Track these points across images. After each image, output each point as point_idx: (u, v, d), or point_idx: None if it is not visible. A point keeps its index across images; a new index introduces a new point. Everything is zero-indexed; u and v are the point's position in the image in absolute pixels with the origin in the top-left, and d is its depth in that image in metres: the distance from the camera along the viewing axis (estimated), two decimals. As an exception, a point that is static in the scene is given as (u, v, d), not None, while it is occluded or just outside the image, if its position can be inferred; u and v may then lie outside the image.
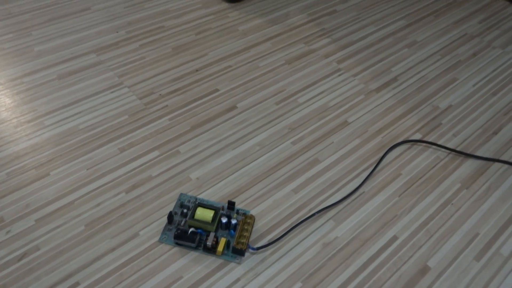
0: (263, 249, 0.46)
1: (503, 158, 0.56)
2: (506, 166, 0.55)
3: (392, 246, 0.47)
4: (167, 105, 0.61)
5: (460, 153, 0.56)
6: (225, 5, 0.81)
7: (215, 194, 0.50)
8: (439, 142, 0.58)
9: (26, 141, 0.54)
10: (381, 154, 0.56)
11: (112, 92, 0.62)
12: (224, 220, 0.46)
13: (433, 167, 0.55)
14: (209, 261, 0.44)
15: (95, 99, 0.61)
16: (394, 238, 0.47)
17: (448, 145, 0.58)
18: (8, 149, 0.53)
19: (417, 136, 0.59)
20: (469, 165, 0.55)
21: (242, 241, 0.45)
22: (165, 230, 0.46)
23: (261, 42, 0.73)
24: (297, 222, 0.48)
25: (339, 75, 0.68)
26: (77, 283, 0.42)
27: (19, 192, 0.49)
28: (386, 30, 0.78)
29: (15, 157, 0.53)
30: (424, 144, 0.58)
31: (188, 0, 0.82)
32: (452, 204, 0.51)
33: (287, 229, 0.47)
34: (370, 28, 0.78)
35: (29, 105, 0.59)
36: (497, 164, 0.55)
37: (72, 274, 0.42)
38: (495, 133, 0.59)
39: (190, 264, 0.44)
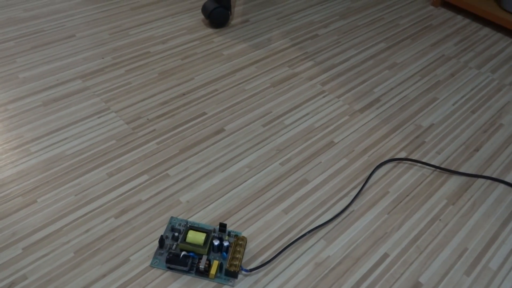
0: (256, 270, 0.45)
1: (486, 173, 0.58)
2: (489, 181, 0.57)
3: (384, 263, 0.47)
4: (155, 129, 0.61)
5: (445, 170, 0.58)
6: (210, 30, 0.83)
7: (206, 216, 0.50)
8: (424, 160, 0.59)
9: (12, 168, 0.54)
10: (368, 173, 0.57)
11: (99, 117, 0.62)
12: (216, 242, 0.46)
13: (420, 184, 0.56)
14: (202, 285, 0.44)
15: (82, 125, 0.60)
16: (385, 255, 0.48)
17: (432, 163, 0.59)
18: (-7, 177, 0.52)
19: (402, 155, 0.60)
20: (454, 182, 0.57)
21: (235, 263, 0.44)
22: (157, 254, 0.46)
23: (246, 66, 0.74)
24: (289, 243, 0.48)
25: (324, 96, 0.69)
26: (67, 312, 0.41)
27: (5, 220, 0.48)
28: (366, 53, 0.80)
29: (0, 185, 0.51)
30: (410, 162, 0.59)
31: (173, 26, 0.83)
32: (440, 220, 0.52)
33: (279, 250, 0.47)
34: (351, 51, 0.80)
35: (14, 132, 0.58)
36: (480, 180, 0.57)
37: (61, 303, 0.41)
38: (477, 149, 0.61)
39: (182, 289, 0.43)
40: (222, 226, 0.48)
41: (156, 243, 0.47)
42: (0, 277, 0.43)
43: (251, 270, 0.45)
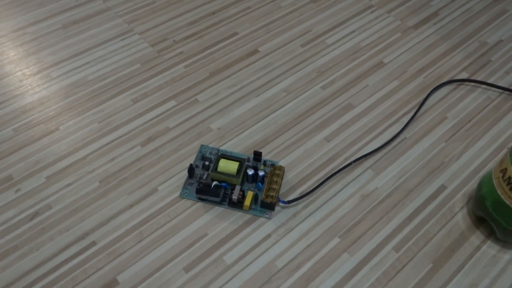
0: (295, 202, 0.41)
1: None
2: None
3: (440, 196, 0.41)
4: (182, 52, 0.55)
5: (515, 91, 0.49)
6: None
7: (239, 144, 0.46)
8: (489, 81, 0.51)
9: (32, 95, 0.50)
10: (423, 96, 0.50)
11: (122, 40, 0.57)
12: (250, 172, 0.41)
13: (484, 108, 0.49)
14: (236, 217, 0.40)
15: (104, 48, 0.56)
16: (442, 187, 0.42)
17: (500, 84, 0.51)
18: (14, 104, 0.49)
19: (464, 75, 0.52)
20: (525, 105, 0.49)
21: (271, 194, 0.40)
22: (186, 184, 0.42)
23: (282, -20, 0.66)
24: (332, 173, 0.43)
25: (372, 12, 0.60)
26: (94, 243, 0.38)
27: (27, 148, 0.45)
28: (422, -39, 0.69)
29: (22, 112, 0.48)
30: (472, 83, 0.51)
31: None
32: (508, 148, 0.45)
33: (321, 181, 0.43)
34: (404, -40, 0.69)
35: (33, 57, 0.55)
36: (558, 103, 0.49)
37: (88, 233, 0.39)
38: (554, 68, 0.52)
39: (215, 220, 0.40)
40: (257, 155, 0.43)
41: (185, 172, 0.43)
42: (24, 207, 0.41)
43: (289, 201, 0.40)
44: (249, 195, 0.40)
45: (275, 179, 0.41)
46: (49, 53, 0.55)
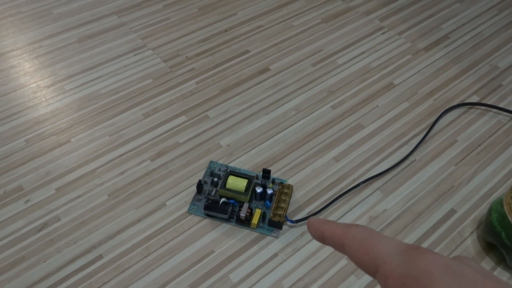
0: (303, 222, 0.41)
1: None
2: None
3: (450, 220, 0.41)
4: (194, 68, 0.56)
5: (526, 116, 0.49)
6: (255, -38, 0.74)
7: (248, 162, 0.46)
8: (500, 105, 0.51)
9: (46, 107, 0.51)
10: (433, 119, 0.50)
11: (135, 55, 0.58)
12: (259, 189, 0.41)
13: (495, 132, 0.48)
14: (243, 235, 0.40)
15: (118, 62, 0.56)
16: (452, 211, 0.42)
17: (511, 109, 0.51)
18: (27, 115, 0.50)
19: (474, 99, 0.52)
20: (536, 130, 0.48)
21: (279, 213, 0.40)
22: (194, 200, 0.42)
23: (294, 0, 0.67)
24: (340, 193, 0.43)
25: (383, 33, 0.61)
26: (100, 256, 0.38)
27: (38, 159, 0.46)
28: (433, -16, 0.70)
29: (35, 123, 0.49)
30: (483, 107, 0.51)
31: (214, -43, 0.75)
32: (518, 173, 0.44)
33: (329, 201, 0.42)
34: (415, -17, 0.70)
35: (48, 69, 0.55)
36: None
37: (95, 246, 0.39)
38: None
39: (222, 238, 0.40)
40: (266, 173, 0.43)
41: (194, 188, 0.43)
42: (33, 217, 0.41)
43: (297, 221, 0.40)
44: (257, 213, 0.40)
45: (283, 198, 0.41)
46: (63, 66, 0.56)
